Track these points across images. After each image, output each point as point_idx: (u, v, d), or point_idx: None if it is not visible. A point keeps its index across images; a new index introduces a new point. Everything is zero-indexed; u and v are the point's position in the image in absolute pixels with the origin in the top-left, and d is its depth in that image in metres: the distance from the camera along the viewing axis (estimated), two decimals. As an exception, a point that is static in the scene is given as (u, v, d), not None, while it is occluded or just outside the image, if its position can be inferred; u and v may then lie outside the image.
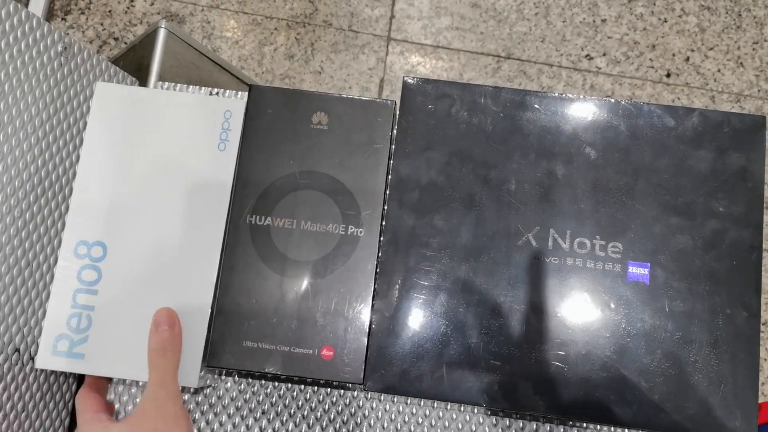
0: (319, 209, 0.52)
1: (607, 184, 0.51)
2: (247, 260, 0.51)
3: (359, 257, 0.51)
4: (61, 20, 1.32)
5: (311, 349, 0.50)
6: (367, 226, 0.52)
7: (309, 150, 0.53)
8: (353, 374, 0.50)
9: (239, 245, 0.52)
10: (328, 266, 0.51)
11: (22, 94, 0.50)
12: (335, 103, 0.54)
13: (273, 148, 0.53)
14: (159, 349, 0.48)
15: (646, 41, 1.35)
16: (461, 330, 0.49)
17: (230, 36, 1.34)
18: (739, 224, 0.50)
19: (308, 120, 0.54)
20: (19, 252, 0.51)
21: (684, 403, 0.48)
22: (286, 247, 0.52)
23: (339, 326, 0.50)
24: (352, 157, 0.53)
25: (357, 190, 0.52)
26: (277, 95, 0.54)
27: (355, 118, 0.54)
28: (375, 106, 0.54)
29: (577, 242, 0.50)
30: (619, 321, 0.49)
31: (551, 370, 0.49)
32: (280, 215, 0.52)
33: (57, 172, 0.54)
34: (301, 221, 0.52)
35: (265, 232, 0.52)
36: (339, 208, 0.52)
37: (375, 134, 0.53)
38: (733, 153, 0.51)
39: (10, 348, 0.50)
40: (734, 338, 0.49)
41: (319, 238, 0.52)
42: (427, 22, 1.36)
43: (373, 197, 0.52)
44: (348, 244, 0.52)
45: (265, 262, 0.51)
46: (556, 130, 0.53)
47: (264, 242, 0.52)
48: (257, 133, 0.54)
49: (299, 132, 0.53)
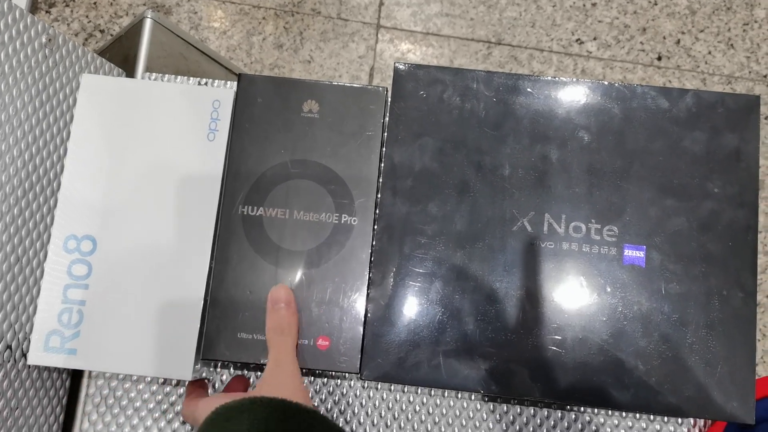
0: (312, 198, 0.52)
1: (601, 167, 0.51)
2: (241, 251, 0.51)
3: (353, 246, 0.51)
4: (46, 13, 1.30)
5: (307, 339, 0.50)
6: (360, 215, 0.52)
7: (300, 139, 0.53)
8: (349, 363, 0.49)
9: (232, 236, 0.51)
10: (323, 256, 0.51)
11: (6, 87, 0.49)
12: (326, 90, 0.53)
13: (264, 138, 0.53)
14: (276, 328, 0.48)
15: (637, 24, 1.35)
16: (457, 317, 0.49)
17: (218, 26, 1.33)
18: (735, 205, 0.50)
19: (299, 108, 0.53)
20: (8, 248, 0.50)
21: (681, 384, 0.48)
22: (280, 238, 0.51)
23: (334, 316, 0.50)
24: (344, 145, 0.52)
25: (350, 178, 0.52)
26: (267, 84, 0.54)
27: (346, 106, 0.53)
28: (366, 93, 0.54)
29: (572, 226, 0.50)
30: (616, 304, 0.49)
31: (548, 355, 0.48)
32: (272, 205, 0.52)
33: (44, 166, 0.53)
34: (294, 211, 0.52)
35: (258, 222, 0.51)
36: (332, 197, 0.52)
37: (367, 122, 0.53)
38: (727, 133, 0.51)
39: (2, 345, 0.50)
40: (731, 319, 0.48)
41: (312, 227, 0.51)
42: (417, 9, 1.35)
43: (366, 185, 0.52)
44: (342, 232, 0.51)
45: (258, 253, 0.51)
46: (549, 114, 0.52)
47: (257, 233, 0.51)
48: (247, 123, 0.53)
49: (290, 121, 0.53)
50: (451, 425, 0.55)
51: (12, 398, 0.51)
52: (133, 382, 0.56)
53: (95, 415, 0.56)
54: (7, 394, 0.50)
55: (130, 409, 0.56)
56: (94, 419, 0.56)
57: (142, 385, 0.56)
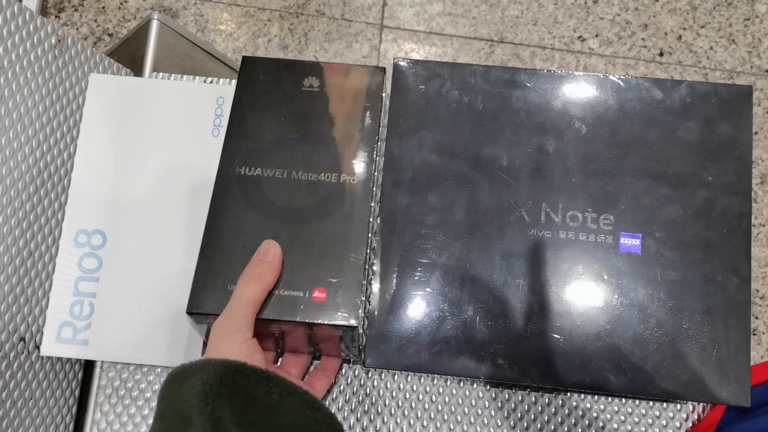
0: (311, 159, 0.52)
1: (597, 157, 0.52)
2: (236, 208, 0.50)
3: (353, 204, 0.50)
4: (55, 17, 1.33)
5: (301, 291, 0.48)
6: (359, 174, 0.51)
7: (301, 108, 0.53)
8: (347, 316, 0.47)
9: (228, 195, 0.50)
10: (321, 213, 0.50)
11: (18, 87, 0.51)
12: (327, 69, 0.55)
13: (264, 107, 0.53)
14: (244, 275, 0.46)
15: (638, 21, 1.36)
16: (457, 305, 0.50)
17: (224, 28, 1.35)
18: (729, 192, 0.51)
19: (300, 83, 0.54)
20: (20, 243, 0.51)
21: (678, 369, 0.49)
22: (277, 196, 0.50)
23: (332, 268, 0.48)
24: (345, 112, 0.53)
25: (349, 139, 0.52)
26: (269, 63, 0.55)
27: (347, 82, 0.54)
28: (366, 72, 0.55)
29: (569, 215, 0.51)
30: (613, 291, 0.50)
31: (547, 341, 0.49)
32: (270, 166, 0.51)
33: (55, 164, 0.55)
34: (292, 171, 0.51)
35: (256, 181, 0.51)
36: (330, 158, 0.52)
37: (367, 95, 0.54)
38: (721, 123, 0.52)
39: (16, 337, 0.51)
40: (726, 304, 0.49)
41: (311, 186, 0.51)
42: (420, 9, 1.37)
43: (365, 146, 0.52)
44: (341, 191, 0.51)
45: (254, 210, 0.50)
46: (545, 106, 0.53)
47: (254, 191, 0.50)
48: (248, 96, 0.54)
49: (291, 93, 0.54)
50: (454, 413, 0.57)
51: (26, 389, 0.53)
52: (144, 373, 0.58)
53: (107, 405, 0.57)
54: (21, 385, 0.52)
55: (141, 400, 0.57)
56: (106, 410, 0.57)
57: (152, 375, 0.58)
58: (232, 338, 0.43)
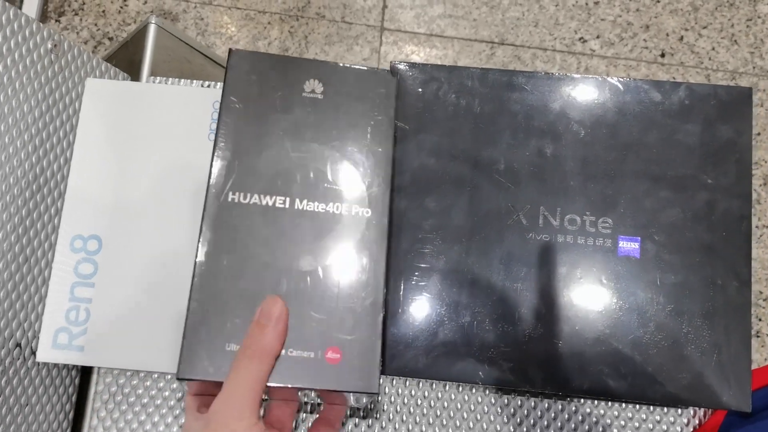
0: (317, 186, 0.44)
1: (595, 160, 0.52)
2: (230, 246, 0.42)
3: (367, 241, 0.44)
4: (55, 22, 1.33)
5: (312, 352, 0.41)
6: (374, 205, 0.45)
7: (302, 120, 0.46)
8: (366, 381, 0.41)
9: (220, 229, 0.43)
10: (331, 252, 0.43)
11: (13, 92, 0.51)
12: (330, 71, 0.47)
13: (258, 117, 0.45)
14: (248, 348, 0.39)
15: (640, 22, 1.35)
16: (455, 309, 0.50)
17: (224, 32, 1.35)
18: (729, 195, 0.50)
19: (300, 88, 0.46)
20: (16, 248, 0.51)
21: (678, 373, 0.48)
22: (279, 231, 0.43)
23: (346, 322, 0.42)
24: (353, 128, 0.46)
25: (360, 164, 0.46)
26: (262, 60, 0.47)
27: (354, 88, 0.47)
28: (375, 77, 0.48)
29: (567, 219, 0.51)
30: (612, 296, 0.49)
31: (545, 346, 0.49)
32: (269, 192, 0.44)
33: (51, 169, 0.55)
34: (295, 200, 0.44)
35: (252, 212, 0.43)
36: (340, 185, 0.45)
37: (377, 105, 0.47)
38: (720, 125, 0.52)
39: (11, 343, 0.51)
40: (726, 308, 0.49)
41: (318, 219, 0.44)
42: (420, 11, 1.36)
43: (379, 172, 0.46)
44: (353, 226, 0.44)
45: (251, 249, 0.43)
46: (543, 108, 0.53)
47: (250, 224, 0.43)
48: (239, 102, 0.46)
49: (290, 101, 0.46)
50: (453, 418, 0.56)
51: (22, 395, 0.52)
52: (141, 379, 0.57)
53: (104, 411, 0.57)
54: (17, 391, 0.52)
55: (138, 405, 0.57)
56: (103, 416, 0.57)
57: (149, 381, 0.57)
58: (236, 427, 0.36)
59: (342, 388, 0.40)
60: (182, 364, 0.39)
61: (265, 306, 0.40)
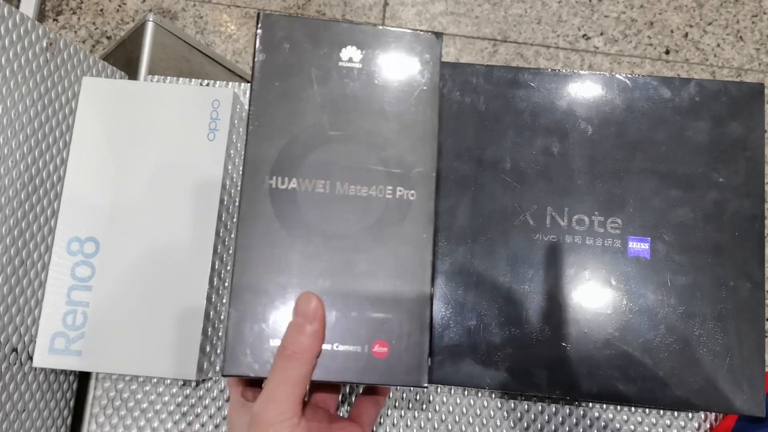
0: (359, 167, 0.41)
1: (604, 159, 0.50)
2: (270, 236, 0.40)
3: (413, 226, 0.41)
4: (53, 21, 1.32)
5: (359, 346, 0.39)
6: (419, 187, 0.41)
7: (340, 93, 0.42)
8: (415, 376, 0.39)
9: (258, 216, 0.40)
10: (374, 239, 0.40)
11: (8, 91, 0.49)
12: (369, 36, 0.43)
13: (293, 92, 0.42)
14: (285, 350, 0.38)
15: (644, 18, 1.34)
16: (461, 312, 0.49)
17: (223, 30, 1.34)
18: (740, 194, 0.49)
19: (337, 56, 0.43)
20: (12, 251, 0.50)
21: (689, 377, 0.47)
22: (320, 217, 0.40)
23: (393, 313, 0.40)
24: (396, 101, 0.42)
25: (404, 141, 0.42)
26: (295, 26, 0.43)
27: (395, 55, 0.43)
28: (418, 41, 0.44)
29: (575, 219, 0.50)
30: (621, 297, 0.48)
31: (554, 350, 0.48)
32: (309, 176, 0.41)
33: (48, 170, 0.54)
34: (336, 183, 0.41)
35: (291, 198, 0.41)
36: (383, 165, 0.42)
37: (422, 74, 0.43)
38: (731, 122, 0.50)
39: (8, 348, 0.50)
40: (738, 310, 0.48)
41: (360, 203, 0.41)
42: (422, 8, 1.35)
43: (424, 150, 0.42)
44: (397, 210, 0.41)
45: (292, 238, 0.40)
46: (550, 106, 0.52)
47: (290, 211, 0.40)
48: (271, 74, 0.42)
49: (326, 71, 0.42)
50: (458, 422, 0.55)
51: (19, 401, 0.51)
52: (140, 384, 0.56)
53: (102, 417, 0.56)
54: (14, 397, 0.51)
55: (137, 411, 0.56)
56: (102, 421, 0.56)
57: (148, 386, 0.56)
58: (279, 428, 0.36)
59: (390, 382, 0.39)
60: (226, 360, 0.38)
61: (300, 304, 0.38)
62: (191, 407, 0.56)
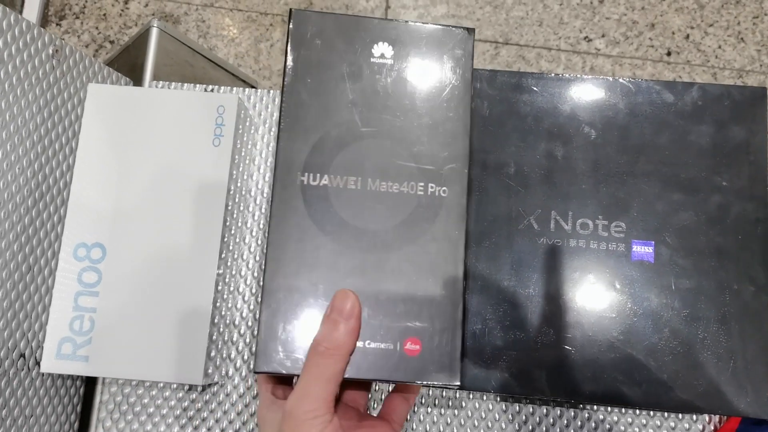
0: (391, 164, 0.41)
1: (607, 163, 0.51)
2: (302, 232, 0.40)
3: (445, 223, 0.41)
4: (56, 25, 1.32)
5: (391, 344, 0.39)
6: (451, 184, 0.42)
7: (371, 89, 0.42)
8: (447, 374, 0.39)
9: (290, 213, 0.40)
10: (406, 236, 0.41)
11: (15, 98, 0.50)
12: (401, 32, 0.43)
13: (325, 88, 0.42)
14: (320, 345, 0.37)
15: (645, 20, 1.34)
16: (465, 316, 0.49)
17: (226, 34, 1.34)
18: (743, 197, 0.49)
19: (368, 52, 0.43)
20: (19, 257, 0.50)
21: (694, 381, 0.47)
22: (352, 213, 0.41)
23: (424, 312, 0.40)
24: (428, 97, 0.43)
25: (436, 138, 0.42)
26: (327, 22, 0.43)
27: (427, 51, 0.43)
28: (451, 36, 0.44)
29: (579, 223, 0.50)
30: (625, 301, 0.49)
31: (558, 353, 0.48)
32: (340, 172, 0.41)
33: (54, 176, 0.54)
34: (368, 180, 0.41)
35: (323, 194, 0.41)
36: (415, 161, 0.42)
37: (453, 70, 0.43)
38: (734, 126, 0.51)
39: (15, 353, 0.50)
40: (742, 313, 0.48)
41: (392, 200, 0.41)
42: (423, 11, 1.35)
43: (456, 146, 0.42)
44: (429, 206, 0.41)
45: (325, 234, 0.40)
46: (553, 111, 0.52)
47: (322, 208, 0.41)
48: (303, 70, 0.42)
49: (358, 67, 0.43)
50: (464, 426, 0.55)
51: (26, 406, 0.52)
52: (146, 388, 0.56)
53: (109, 421, 0.56)
54: (22, 402, 0.51)
55: (143, 415, 0.56)
56: (108, 426, 0.56)
57: (155, 390, 0.56)
58: (311, 424, 0.36)
59: (422, 380, 0.39)
60: (258, 357, 0.38)
61: (337, 301, 0.38)
62: (197, 411, 0.56)
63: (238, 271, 0.58)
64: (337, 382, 0.37)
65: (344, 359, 0.37)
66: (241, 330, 0.57)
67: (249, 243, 0.59)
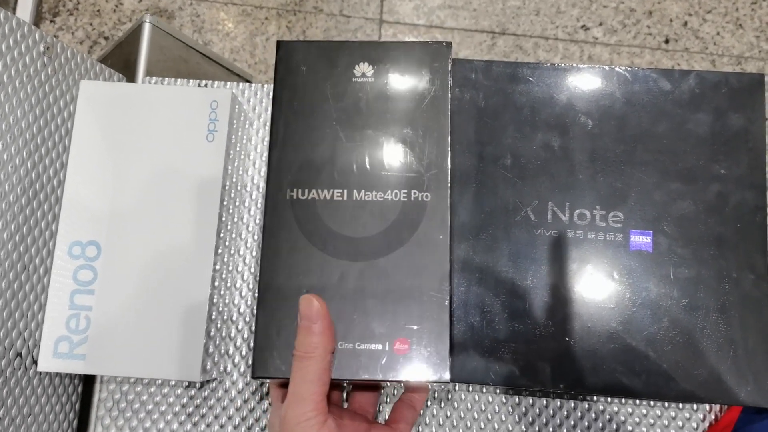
0: (374, 175, 0.44)
1: (604, 153, 0.50)
2: (293, 243, 0.43)
3: (429, 226, 0.43)
4: (50, 22, 1.31)
5: (380, 344, 0.41)
6: (433, 189, 0.44)
7: (353, 107, 0.45)
8: (437, 371, 0.41)
9: (281, 226, 0.43)
10: (392, 241, 0.43)
11: (6, 96, 0.49)
12: (380, 50, 0.46)
13: (310, 110, 0.45)
14: (297, 351, 0.39)
15: (643, 8, 1.33)
16: (464, 309, 0.49)
17: (221, 29, 1.33)
18: (742, 186, 0.49)
19: (350, 73, 0.46)
20: (14, 256, 0.50)
21: (694, 370, 0.47)
22: (339, 223, 0.43)
23: (412, 312, 0.42)
24: (407, 109, 0.45)
25: (416, 147, 0.44)
26: (310, 49, 0.46)
27: (405, 66, 0.46)
28: (428, 50, 0.46)
29: (576, 214, 0.49)
30: (624, 291, 0.48)
31: (557, 344, 0.48)
32: (326, 186, 0.44)
33: (48, 174, 0.54)
34: (353, 191, 0.44)
35: (311, 207, 0.43)
36: (398, 170, 0.44)
37: (431, 81, 0.46)
38: (732, 114, 0.50)
39: (12, 353, 0.50)
40: (742, 302, 0.48)
41: (376, 208, 0.43)
42: (419, 2, 1.35)
43: (436, 154, 0.44)
44: (413, 212, 0.43)
45: (314, 244, 0.43)
46: (550, 101, 0.51)
47: (310, 220, 0.43)
48: (290, 96, 0.45)
49: (340, 87, 0.45)
50: (464, 418, 0.55)
51: (24, 405, 0.51)
52: (144, 386, 0.56)
53: (108, 419, 0.56)
54: (20, 401, 0.51)
55: (142, 413, 0.56)
56: (107, 423, 0.56)
57: (153, 388, 0.56)
58: (304, 427, 0.38)
59: (412, 378, 0.40)
60: (255, 363, 0.41)
61: (303, 308, 0.40)
62: (196, 408, 0.56)
63: (235, 266, 0.57)
64: (322, 382, 0.38)
65: (323, 358, 0.39)
66: (238, 326, 0.57)
67: (245, 238, 0.58)
